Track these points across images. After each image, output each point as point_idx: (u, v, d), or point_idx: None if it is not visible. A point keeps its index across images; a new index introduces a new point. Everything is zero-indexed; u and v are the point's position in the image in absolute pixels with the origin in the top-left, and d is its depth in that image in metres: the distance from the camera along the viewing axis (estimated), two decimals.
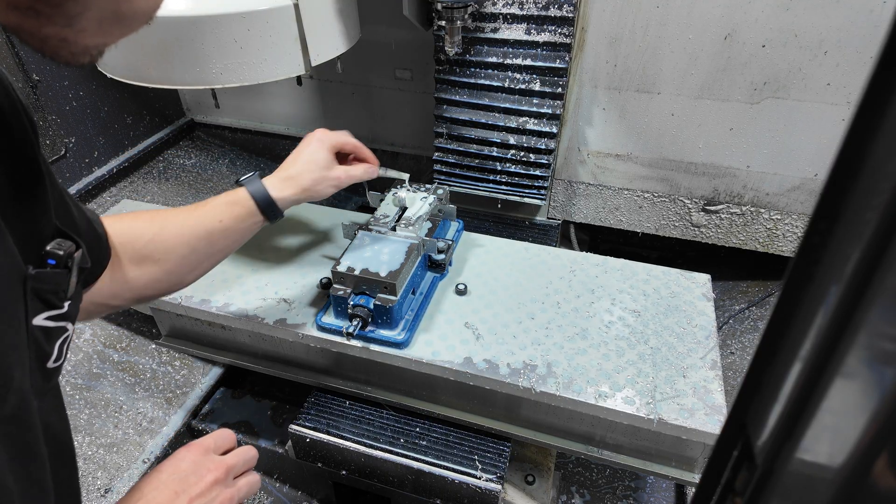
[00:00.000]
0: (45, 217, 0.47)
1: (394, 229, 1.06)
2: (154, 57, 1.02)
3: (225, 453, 0.64)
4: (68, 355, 0.54)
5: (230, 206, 0.84)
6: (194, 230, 0.79)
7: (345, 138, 0.97)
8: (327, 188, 0.92)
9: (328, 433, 1.06)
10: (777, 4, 1.14)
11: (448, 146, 1.43)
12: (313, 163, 0.91)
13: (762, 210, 1.41)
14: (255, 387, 1.41)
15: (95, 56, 0.40)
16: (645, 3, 1.20)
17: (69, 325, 0.48)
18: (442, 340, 1.00)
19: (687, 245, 1.60)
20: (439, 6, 1.14)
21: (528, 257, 1.18)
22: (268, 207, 0.86)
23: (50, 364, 0.46)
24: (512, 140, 1.36)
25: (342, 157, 0.98)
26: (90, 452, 1.23)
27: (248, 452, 0.65)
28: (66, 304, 0.47)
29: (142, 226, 0.75)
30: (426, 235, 1.08)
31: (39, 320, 0.44)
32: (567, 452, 1.01)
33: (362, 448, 1.04)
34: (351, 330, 0.94)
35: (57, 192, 0.52)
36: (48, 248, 0.46)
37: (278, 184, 0.88)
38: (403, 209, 1.10)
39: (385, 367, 1.02)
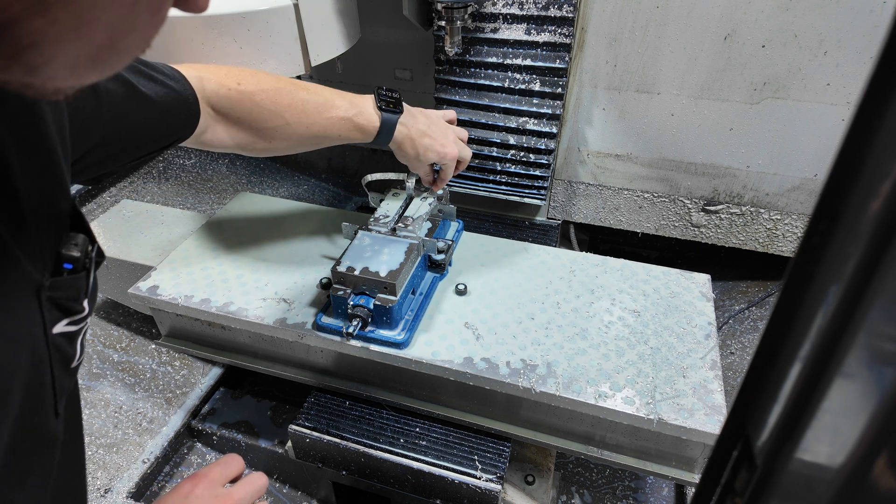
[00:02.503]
0: (61, 196, 0.43)
1: (394, 230, 1.06)
2: (154, 57, 1.02)
3: (234, 480, 0.62)
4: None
5: (355, 130, 0.89)
6: (315, 134, 0.87)
7: (451, 170, 1.02)
8: (402, 161, 0.99)
9: (328, 433, 1.06)
10: (777, 4, 1.14)
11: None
12: (425, 154, 0.96)
13: (762, 210, 1.41)
14: (255, 387, 1.41)
15: (71, 95, 0.33)
16: (645, 3, 1.20)
17: (87, 319, 0.46)
18: (442, 340, 1.00)
19: (687, 245, 1.60)
20: (439, 6, 1.14)
21: (528, 257, 1.18)
22: (384, 141, 0.92)
23: (74, 364, 0.45)
24: (512, 140, 1.36)
25: None
26: (90, 452, 1.23)
27: (257, 481, 0.62)
28: (86, 304, 0.44)
29: (268, 115, 0.83)
30: (426, 235, 1.08)
31: (60, 328, 0.42)
32: (567, 452, 1.01)
33: (362, 448, 1.04)
34: (351, 330, 0.94)
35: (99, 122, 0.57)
36: (62, 249, 0.42)
37: (399, 137, 0.93)
38: (409, 199, 1.12)
39: (385, 367, 1.02)
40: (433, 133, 0.96)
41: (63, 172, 0.43)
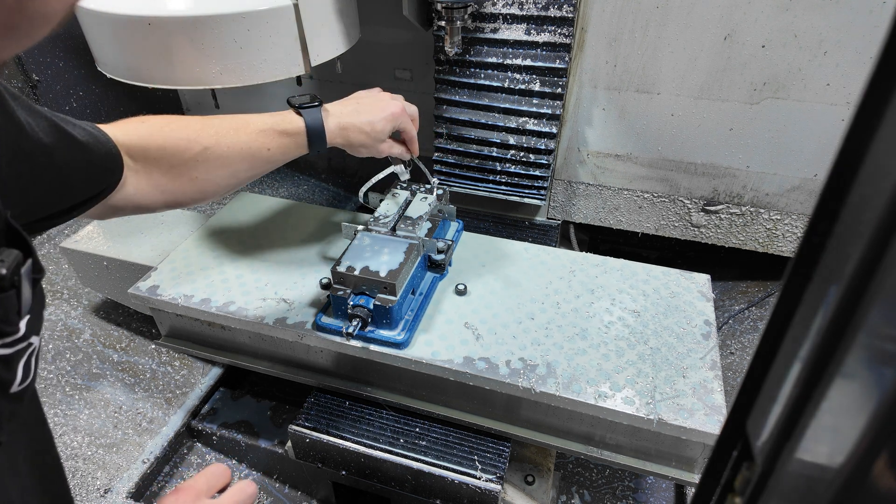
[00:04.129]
0: None
1: (394, 229, 1.06)
2: (154, 57, 1.02)
3: (223, 489, 0.60)
4: (68, 356, 0.51)
5: (282, 137, 0.83)
6: (240, 154, 0.79)
7: (410, 125, 0.98)
8: (365, 153, 0.94)
9: (328, 433, 1.06)
10: (777, 5, 1.14)
11: (448, 146, 1.43)
12: (373, 129, 0.91)
13: (762, 210, 1.41)
14: (255, 387, 1.41)
15: None
16: (645, 3, 1.20)
17: (34, 339, 0.42)
18: (442, 340, 1.00)
19: (686, 245, 1.60)
20: (439, 6, 1.14)
21: (528, 257, 1.18)
22: (318, 142, 0.86)
23: (14, 388, 0.40)
24: (512, 140, 1.36)
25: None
26: (90, 453, 1.23)
27: (245, 490, 0.59)
28: (23, 323, 0.40)
29: (185, 144, 0.74)
30: (426, 235, 1.08)
31: None
32: (567, 452, 1.01)
33: (362, 448, 1.04)
34: (351, 330, 0.94)
35: (27, 142, 0.50)
36: None
37: (333, 127, 0.88)
38: (407, 204, 1.11)
39: (385, 368, 1.02)
40: (367, 107, 0.92)
41: None
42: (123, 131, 0.71)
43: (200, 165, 0.76)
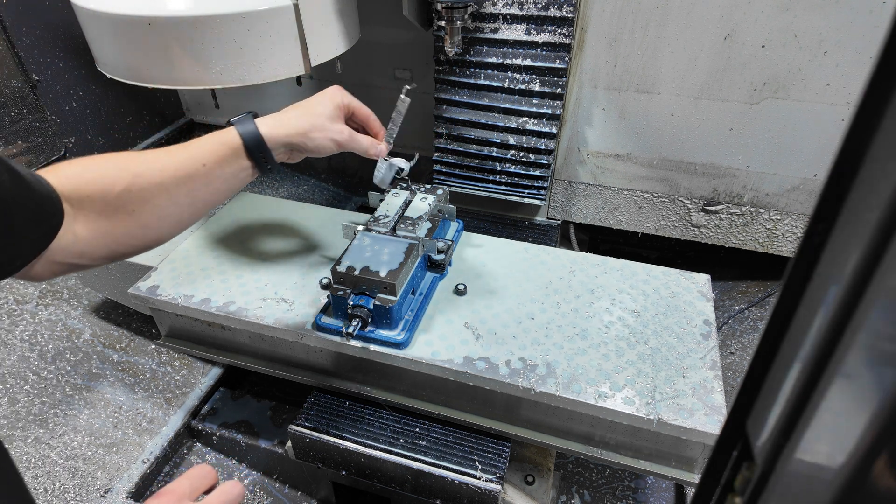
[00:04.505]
0: None
1: (394, 229, 1.06)
2: (154, 57, 1.02)
3: (209, 490, 0.58)
4: (68, 356, 0.50)
5: (214, 147, 0.75)
6: (174, 176, 0.70)
7: (358, 102, 0.91)
8: (325, 141, 0.84)
9: (328, 433, 1.06)
10: (777, 5, 1.14)
11: (448, 146, 1.43)
12: (313, 110, 0.84)
13: (762, 210, 1.41)
14: (255, 387, 1.41)
15: None
16: (645, 3, 1.20)
17: None
18: (442, 340, 1.00)
19: (686, 245, 1.60)
20: (439, 6, 1.14)
21: (528, 257, 1.18)
22: (256, 148, 0.77)
23: None
24: (512, 140, 1.36)
25: (353, 127, 0.93)
26: (90, 453, 1.23)
27: (231, 491, 0.58)
28: None
29: (114, 173, 0.66)
30: (426, 235, 1.08)
31: None
32: (567, 453, 1.01)
33: (362, 448, 1.04)
34: (350, 330, 0.94)
35: None
36: None
37: (270, 121, 0.80)
38: (407, 204, 1.10)
39: (385, 368, 1.02)
40: (311, 105, 0.86)
41: None
42: (54, 175, 0.64)
43: (135, 196, 0.67)
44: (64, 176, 0.64)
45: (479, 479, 0.99)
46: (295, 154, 0.86)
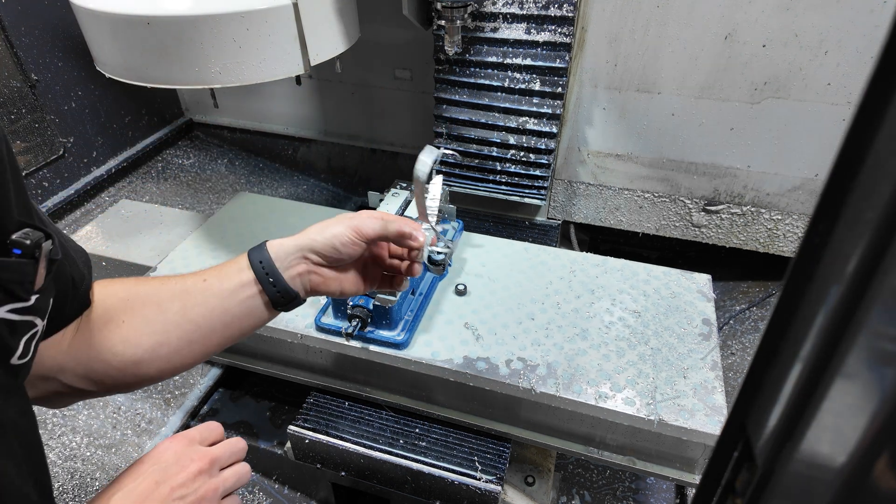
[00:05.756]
0: (7, 214, 0.43)
1: None
2: (153, 57, 1.02)
3: (213, 445, 0.61)
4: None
5: (218, 265, 0.66)
6: (172, 288, 0.63)
7: (390, 217, 0.69)
8: (343, 228, 0.66)
9: (327, 434, 1.06)
10: (777, 4, 1.14)
11: (448, 146, 1.43)
12: (345, 223, 0.67)
13: (763, 210, 1.41)
14: (254, 387, 1.41)
15: None
16: (645, 2, 1.20)
17: (38, 321, 0.45)
18: (441, 341, 0.99)
19: (687, 245, 1.60)
20: (439, 6, 1.14)
21: (528, 258, 1.18)
22: (258, 256, 0.65)
23: (14, 360, 0.44)
24: (512, 140, 1.36)
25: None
26: (88, 453, 1.23)
27: (236, 445, 0.61)
28: (34, 298, 0.44)
29: (119, 284, 0.62)
30: None
31: (2, 312, 0.42)
32: (567, 453, 1.01)
33: (361, 449, 1.04)
34: (350, 330, 0.94)
35: (34, 211, 0.47)
36: (14, 237, 0.43)
37: (286, 243, 0.66)
38: (406, 204, 1.10)
39: (384, 368, 1.02)
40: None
41: (8, 191, 0.43)
42: None
43: (129, 304, 0.61)
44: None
45: (479, 479, 0.99)
46: (318, 270, 0.67)
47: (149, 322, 0.61)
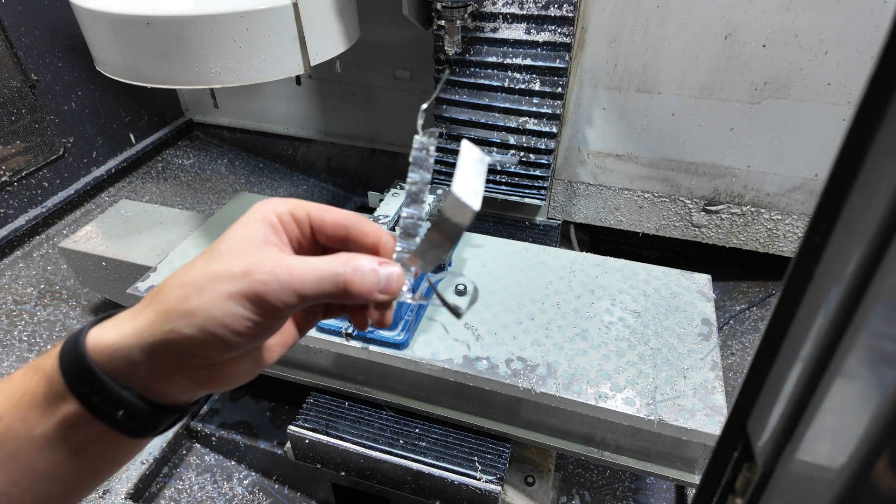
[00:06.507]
0: None
1: (393, 229, 1.05)
2: (153, 57, 1.02)
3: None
4: None
5: (20, 378, 0.37)
6: None
7: (318, 206, 0.44)
8: (225, 301, 0.34)
9: (327, 434, 1.06)
10: (777, 4, 1.14)
11: (448, 146, 1.43)
12: (208, 259, 0.37)
13: (763, 210, 1.41)
14: (254, 387, 1.41)
15: None
16: (645, 2, 1.20)
17: None
18: (441, 341, 0.99)
19: (687, 245, 1.60)
20: (439, 6, 1.14)
21: (528, 258, 1.18)
22: (72, 364, 0.34)
23: None
24: (512, 140, 1.36)
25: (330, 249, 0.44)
26: None
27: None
28: None
29: None
30: None
31: None
32: (567, 453, 1.01)
33: (361, 449, 1.04)
34: (350, 330, 0.94)
35: None
36: None
37: (122, 316, 0.37)
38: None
39: (384, 368, 1.02)
40: (208, 254, 0.37)
41: None
42: None
43: None
44: None
45: (479, 479, 0.99)
46: (192, 372, 0.37)
47: None
